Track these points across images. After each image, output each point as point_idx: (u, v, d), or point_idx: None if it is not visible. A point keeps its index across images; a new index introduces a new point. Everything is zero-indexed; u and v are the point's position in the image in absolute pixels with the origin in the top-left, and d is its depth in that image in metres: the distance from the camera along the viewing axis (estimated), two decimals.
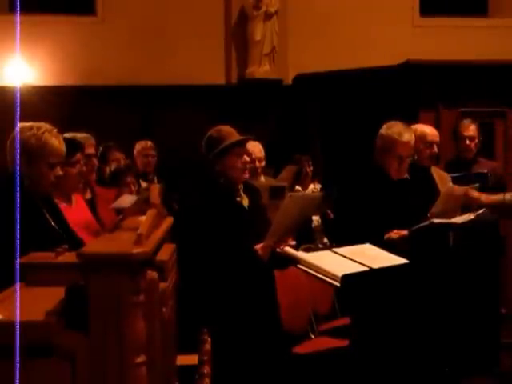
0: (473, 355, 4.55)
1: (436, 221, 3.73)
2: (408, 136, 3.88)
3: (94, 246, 1.69)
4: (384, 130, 3.93)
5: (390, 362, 3.54)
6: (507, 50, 7.32)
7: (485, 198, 3.75)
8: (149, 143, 6.00)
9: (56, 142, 2.78)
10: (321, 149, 6.91)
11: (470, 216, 3.86)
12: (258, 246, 3.37)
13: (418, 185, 4.07)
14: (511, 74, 5.91)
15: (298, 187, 6.08)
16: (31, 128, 2.75)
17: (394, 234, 3.72)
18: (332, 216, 5.40)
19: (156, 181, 5.73)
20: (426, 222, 3.72)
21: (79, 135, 3.85)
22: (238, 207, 3.54)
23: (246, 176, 3.63)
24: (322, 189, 6.09)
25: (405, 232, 3.72)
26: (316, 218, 5.61)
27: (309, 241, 4.96)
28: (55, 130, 2.81)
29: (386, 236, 3.71)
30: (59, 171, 2.80)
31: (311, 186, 6.23)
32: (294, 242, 3.46)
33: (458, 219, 3.84)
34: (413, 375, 3.67)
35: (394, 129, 3.89)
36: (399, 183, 3.91)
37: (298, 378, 3.71)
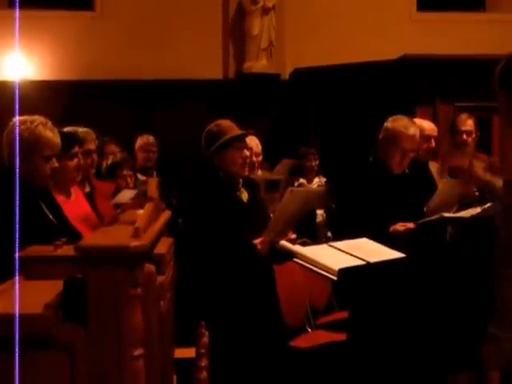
0: (470, 350, 4.55)
1: (446, 215, 3.73)
2: (414, 130, 3.88)
3: (92, 239, 1.70)
4: (389, 122, 3.91)
5: (387, 356, 3.55)
6: (505, 44, 7.31)
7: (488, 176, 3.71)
8: (151, 138, 5.98)
9: (50, 134, 2.78)
10: (314, 143, 6.90)
11: (476, 210, 3.87)
12: (257, 241, 3.37)
13: (417, 179, 4.08)
14: None
15: (302, 180, 6.07)
16: (25, 122, 2.75)
17: (400, 226, 3.71)
18: None
19: (155, 175, 5.73)
20: (437, 216, 3.72)
21: (80, 130, 3.86)
22: (237, 202, 3.54)
23: (246, 171, 3.61)
24: (326, 182, 6.08)
25: (411, 224, 3.72)
26: (320, 213, 5.59)
27: (313, 235, 4.96)
28: (50, 123, 2.81)
29: (392, 228, 3.71)
30: (55, 163, 2.80)
31: (316, 180, 6.22)
32: (294, 236, 3.46)
33: (466, 213, 3.84)
34: (410, 370, 3.68)
35: (399, 122, 3.89)
36: (399, 177, 3.91)
37: (294, 371, 3.72)
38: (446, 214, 3.73)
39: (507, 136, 2.12)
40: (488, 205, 3.96)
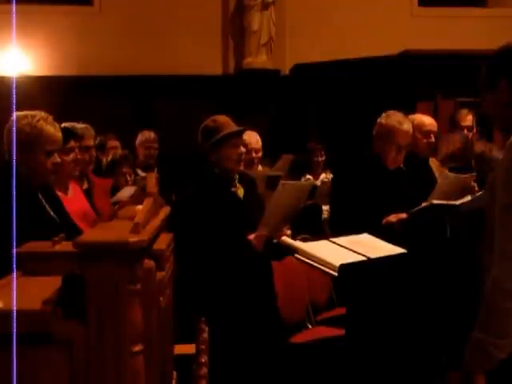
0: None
1: (435, 202, 3.74)
2: (407, 125, 3.94)
3: (91, 234, 1.68)
4: (383, 118, 3.96)
5: (385, 353, 3.55)
6: (506, 39, 7.30)
7: None
8: (152, 135, 5.98)
9: (51, 129, 2.77)
10: (318, 138, 6.90)
11: (467, 197, 3.88)
12: (252, 236, 3.37)
13: (416, 175, 4.09)
14: None
15: (309, 176, 6.06)
16: (26, 116, 2.74)
17: (393, 217, 3.73)
18: None
19: (156, 172, 5.73)
20: (426, 204, 3.74)
21: (79, 126, 3.85)
22: (232, 197, 3.54)
23: (241, 167, 3.61)
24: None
25: (403, 215, 3.74)
26: (326, 209, 5.57)
27: (318, 232, 4.94)
28: (50, 118, 2.81)
29: (385, 220, 3.73)
30: (56, 158, 2.80)
31: (323, 175, 6.22)
32: (289, 232, 3.46)
33: (457, 201, 3.85)
34: (409, 366, 3.67)
35: (394, 117, 3.94)
36: (395, 172, 3.94)
37: (294, 367, 3.71)
38: (436, 201, 3.74)
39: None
40: (479, 193, 3.96)
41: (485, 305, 1.97)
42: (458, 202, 3.83)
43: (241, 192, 3.60)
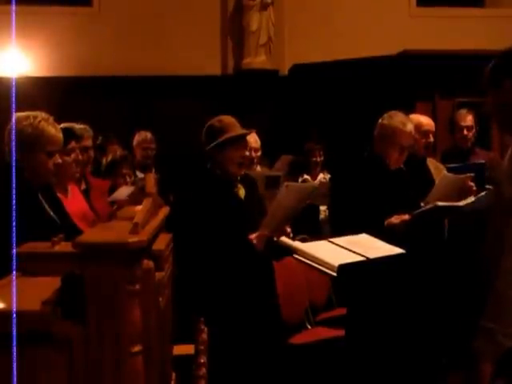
0: (469, 345, 4.54)
1: (440, 204, 3.74)
2: (410, 126, 3.94)
3: (90, 235, 1.69)
4: (386, 119, 3.94)
5: (385, 353, 3.55)
6: (504, 39, 7.30)
7: None
8: (149, 136, 5.98)
9: (53, 129, 2.78)
10: (318, 139, 6.91)
11: (471, 199, 3.88)
12: (253, 236, 3.38)
13: (414, 175, 4.09)
14: None
15: (306, 176, 6.07)
16: (27, 117, 2.75)
17: (395, 218, 3.73)
18: None
19: (154, 172, 5.73)
20: (430, 205, 3.73)
21: (77, 126, 3.86)
22: (234, 198, 3.54)
23: (242, 172, 3.60)
24: (331, 179, 6.07)
25: (406, 216, 3.73)
26: (323, 209, 5.57)
27: (316, 232, 4.95)
28: (51, 119, 2.82)
29: (387, 221, 3.72)
30: (58, 159, 2.80)
31: (320, 176, 6.22)
32: (289, 230, 3.47)
33: (461, 203, 3.85)
34: (409, 366, 3.67)
35: (396, 118, 3.92)
36: (396, 173, 3.94)
37: (294, 367, 3.72)
38: (440, 203, 3.74)
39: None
40: (482, 194, 3.97)
41: (494, 295, 1.99)
42: (461, 203, 3.83)
43: (242, 192, 3.60)
